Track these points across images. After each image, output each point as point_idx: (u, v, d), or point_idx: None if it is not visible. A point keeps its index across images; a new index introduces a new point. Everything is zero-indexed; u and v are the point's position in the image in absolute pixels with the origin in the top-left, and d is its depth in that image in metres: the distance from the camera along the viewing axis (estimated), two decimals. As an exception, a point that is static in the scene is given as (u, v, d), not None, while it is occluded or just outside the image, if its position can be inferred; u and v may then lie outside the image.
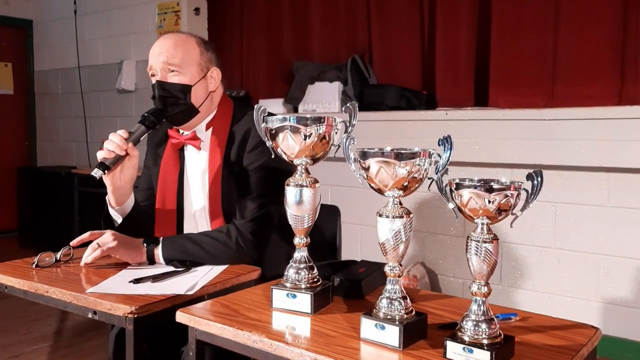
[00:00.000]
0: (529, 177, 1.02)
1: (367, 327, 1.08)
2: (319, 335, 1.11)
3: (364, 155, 1.08)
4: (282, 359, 1.06)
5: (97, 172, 1.57)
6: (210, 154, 1.76)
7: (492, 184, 0.99)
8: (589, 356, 1.10)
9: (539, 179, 1.01)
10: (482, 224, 1.01)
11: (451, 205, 1.04)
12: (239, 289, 1.44)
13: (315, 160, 1.25)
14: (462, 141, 3.08)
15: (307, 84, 3.93)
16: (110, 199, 1.70)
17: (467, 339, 1.00)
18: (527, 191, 1.01)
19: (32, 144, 6.25)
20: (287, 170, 1.46)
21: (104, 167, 1.57)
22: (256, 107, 1.28)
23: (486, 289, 1.02)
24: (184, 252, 1.61)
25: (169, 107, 1.71)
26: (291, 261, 1.28)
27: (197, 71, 1.74)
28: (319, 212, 1.28)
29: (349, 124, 1.25)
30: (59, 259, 1.64)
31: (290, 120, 1.20)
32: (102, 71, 5.37)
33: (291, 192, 1.24)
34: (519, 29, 3.23)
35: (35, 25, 6.09)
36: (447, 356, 1.00)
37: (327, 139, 1.23)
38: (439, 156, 1.08)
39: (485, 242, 1.00)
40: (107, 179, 1.64)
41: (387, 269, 1.11)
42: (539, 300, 3.04)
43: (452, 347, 1.00)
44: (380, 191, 1.10)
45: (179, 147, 1.82)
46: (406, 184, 1.07)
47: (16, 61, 6.12)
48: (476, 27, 3.45)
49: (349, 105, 1.25)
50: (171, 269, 1.56)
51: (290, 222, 1.27)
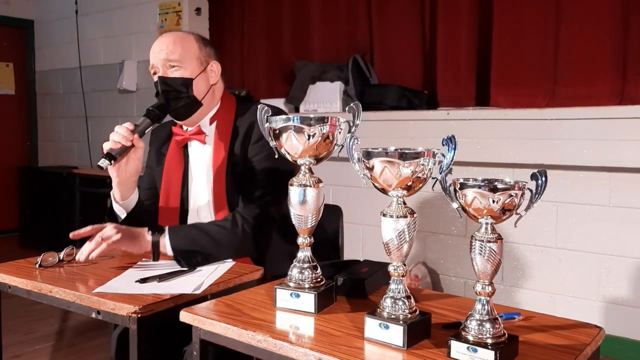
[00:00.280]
0: (533, 176, 1.02)
1: (371, 326, 1.08)
2: (323, 334, 1.11)
3: (368, 155, 1.08)
4: (286, 359, 1.06)
5: (103, 162, 1.58)
6: (214, 148, 1.77)
7: (496, 183, 0.99)
8: (593, 356, 1.10)
9: (543, 179, 1.01)
10: (487, 223, 1.01)
11: (455, 205, 1.04)
12: (241, 288, 1.44)
13: (318, 160, 1.25)
14: (464, 141, 3.08)
15: (309, 84, 3.93)
16: (115, 193, 1.71)
17: (471, 338, 1.00)
18: (531, 191, 1.01)
19: (33, 144, 6.25)
20: (290, 162, 1.47)
21: (111, 157, 1.58)
22: (260, 106, 1.28)
23: (490, 288, 1.02)
24: (191, 240, 1.61)
25: (172, 101, 1.73)
26: (295, 261, 1.28)
27: (197, 65, 1.76)
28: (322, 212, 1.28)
29: (352, 124, 1.24)
30: (62, 259, 1.64)
31: (293, 120, 1.20)
32: (103, 71, 5.37)
33: (295, 192, 1.24)
34: (520, 29, 3.23)
35: (36, 25, 6.09)
36: (452, 355, 1.00)
37: (331, 138, 1.22)
38: (443, 156, 1.08)
39: (489, 241, 1.00)
40: (113, 170, 1.65)
41: (391, 268, 1.11)
42: (541, 299, 3.04)
43: (456, 346, 1.00)
44: (384, 191, 1.10)
45: (183, 144, 1.83)
46: (410, 183, 1.07)
47: (17, 61, 6.13)
48: (477, 26, 3.45)
49: (352, 105, 1.25)
50: (176, 268, 1.56)
51: (293, 222, 1.27)
